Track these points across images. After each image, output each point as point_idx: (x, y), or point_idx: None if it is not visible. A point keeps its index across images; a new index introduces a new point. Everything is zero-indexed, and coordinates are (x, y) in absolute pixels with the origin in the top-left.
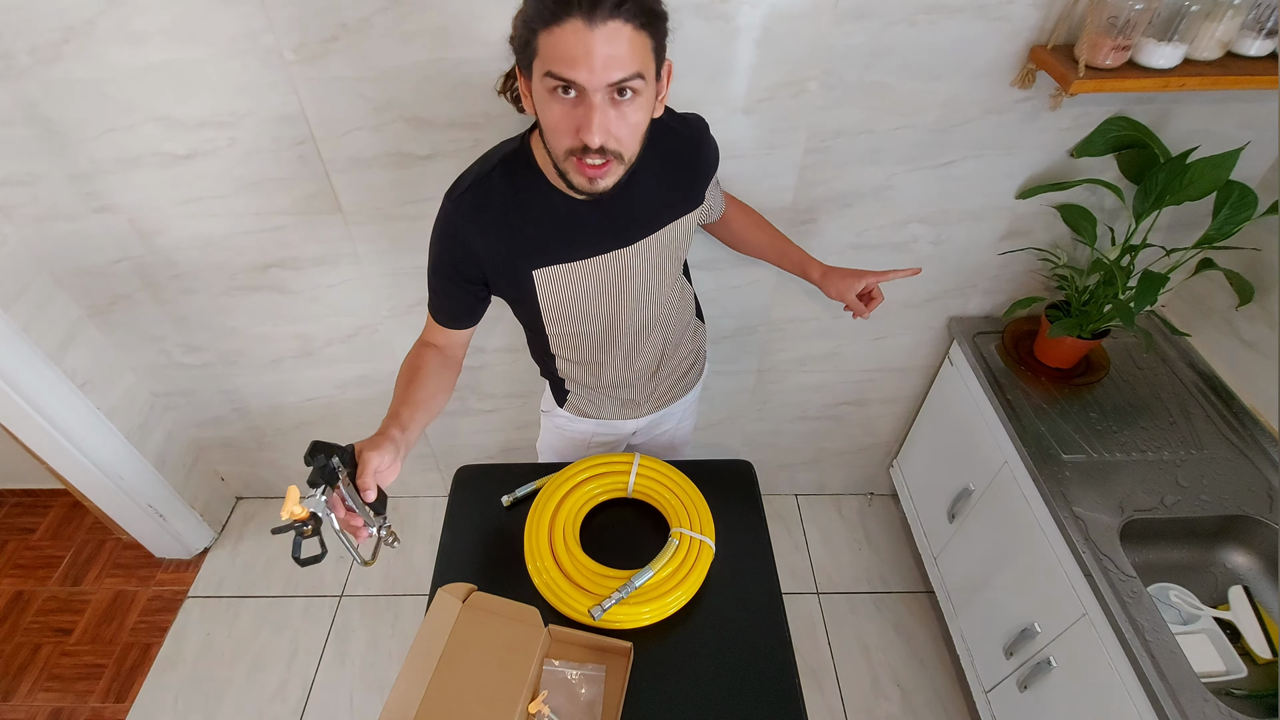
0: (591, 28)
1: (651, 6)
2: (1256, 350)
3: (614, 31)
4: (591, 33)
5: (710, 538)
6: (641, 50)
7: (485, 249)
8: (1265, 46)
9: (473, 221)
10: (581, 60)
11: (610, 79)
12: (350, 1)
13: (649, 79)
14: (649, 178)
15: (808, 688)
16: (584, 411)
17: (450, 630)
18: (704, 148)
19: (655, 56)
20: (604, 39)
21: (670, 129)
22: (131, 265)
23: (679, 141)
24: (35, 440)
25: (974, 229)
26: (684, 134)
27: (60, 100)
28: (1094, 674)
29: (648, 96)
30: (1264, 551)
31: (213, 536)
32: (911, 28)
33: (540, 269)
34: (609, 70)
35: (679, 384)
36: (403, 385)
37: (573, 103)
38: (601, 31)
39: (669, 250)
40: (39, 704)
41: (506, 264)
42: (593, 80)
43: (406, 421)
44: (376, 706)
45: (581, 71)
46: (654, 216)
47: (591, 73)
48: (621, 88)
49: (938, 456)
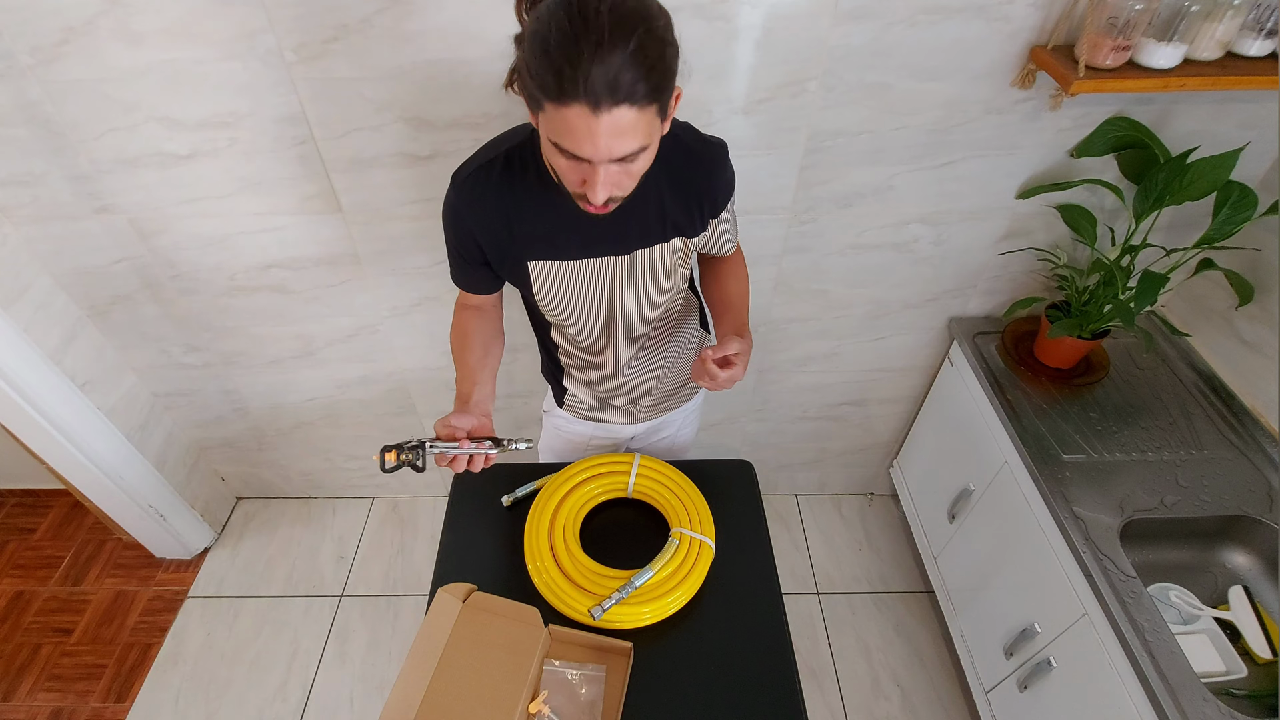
0: (596, 115)
1: (658, 82)
2: (1256, 350)
3: (619, 117)
4: (596, 119)
5: (710, 538)
6: (648, 122)
7: (483, 236)
8: (1265, 46)
9: (471, 209)
10: (586, 141)
11: (615, 155)
12: (350, 1)
13: (656, 135)
14: (654, 191)
15: (808, 688)
16: (581, 414)
17: (450, 630)
18: (717, 173)
19: (661, 111)
20: (609, 124)
21: (686, 147)
22: (131, 265)
23: (692, 162)
24: (36, 440)
25: (974, 229)
26: (700, 155)
27: (60, 100)
28: (1094, 674)
29: (654, 147)
30: (1264, 551)
31: (213, 536)
32: (911, 28)
33: (535, 261)
34: (614, 149)
35: (679, 393)
36: (457, 356)
37: (578, 163)
38: (606, 119)
39: (666, 266)
40: (39, 704)
41: (504, 251)
42: (598, 156)
43: (467, 392)
44: (376, 706)
45: (586, 149)
46: (652, 231)
47: (596, 151)
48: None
49: (938, 457)
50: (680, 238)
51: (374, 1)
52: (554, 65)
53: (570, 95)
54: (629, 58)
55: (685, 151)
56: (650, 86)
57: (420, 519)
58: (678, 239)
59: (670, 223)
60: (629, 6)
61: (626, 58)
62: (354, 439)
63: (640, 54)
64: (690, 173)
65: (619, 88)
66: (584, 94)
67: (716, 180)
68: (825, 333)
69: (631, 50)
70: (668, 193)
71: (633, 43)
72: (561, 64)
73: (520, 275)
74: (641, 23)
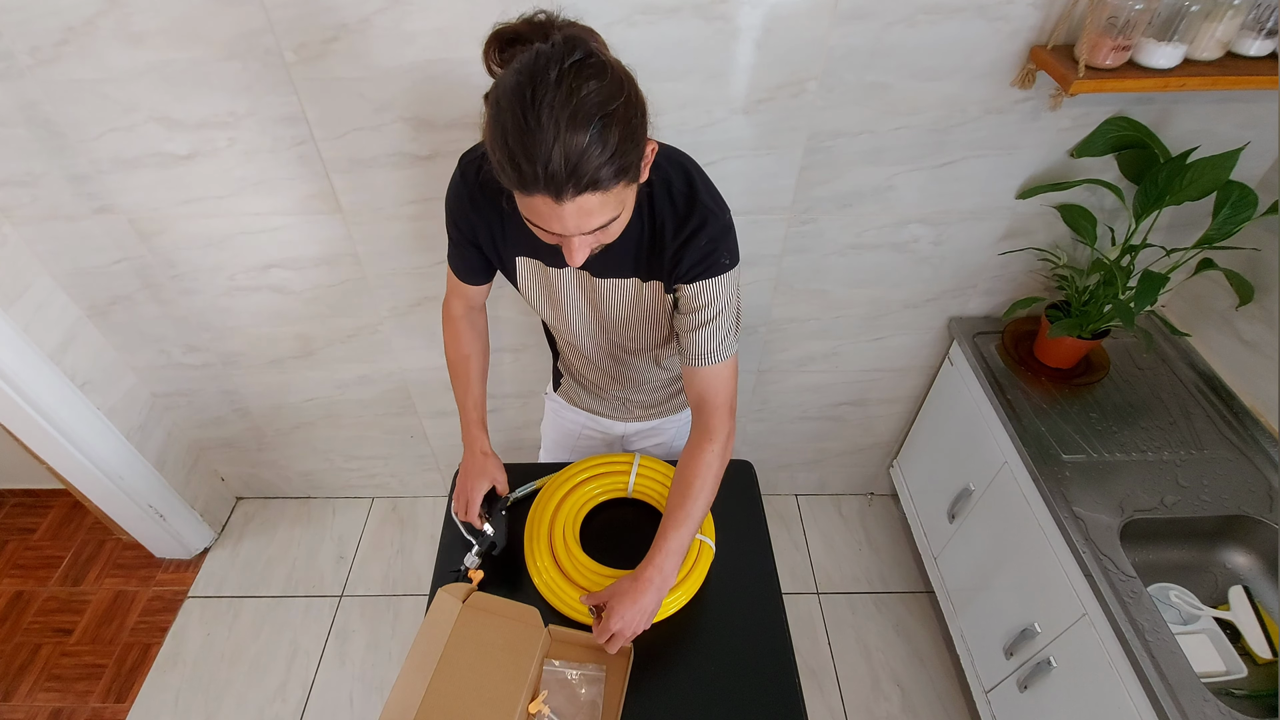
0: (560, 204)
1: (621, 164)
2: (1256, 350)
3: (584, 201)
4: (560, 207)
5: (710, 538)
6: (616, 196)
7: (479, 221)
8: (1265, 46)
9: (471, 189)
10: (554, 222)
11: (585, 230)
12: (350, 1)
13: (630, 199)
14: (635, 226)
15: (808, 688)
16: (574, 401)
17: (450, 630)
18: (697, 237)
19: (633, 179)
20: (574, 209)
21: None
22: (131, 265)
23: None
24: (35, 440)
25: (974, 229)
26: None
27: (60, 100)
28: (1094, 674)
29: (629, 208)
30: (1264, 551)
31: (213, 537)
32: (911, 28)
33: (522, 257)
34: (583, 226)
35: (670, 402)
36: (460, 385)
37: (550, 234)
38: (570, 206)
39: (634, 302)
40: (39, 704)
41: (495, 241)
42: (567, 233)
43: (478, 435)
44: (376, 706)
45: (555, 229)
46: (625, 265)
47: (565, 230)
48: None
49: (938, 456)
50: (654, 282)
51: (374, 1)
52: (512, 158)
53: (532, 188)
54: (588, 148)
55: (671, 203)
56: (614, 170)
57: (420, 519)
58: (650, 282)
59: (642, 264)
60: (585, 93)
61: (585, 148)
62: (354, 439)
63: (600, 142)
64: (672, 223)
65: (581, 178)
66: (545, 187)
67: (692, 243)
68: (825, 333)
69: (590, 140)
70: (646, 232)
71: (590, 133)
72: (519, 158)
73: (509, 268)
74: (599, 109)
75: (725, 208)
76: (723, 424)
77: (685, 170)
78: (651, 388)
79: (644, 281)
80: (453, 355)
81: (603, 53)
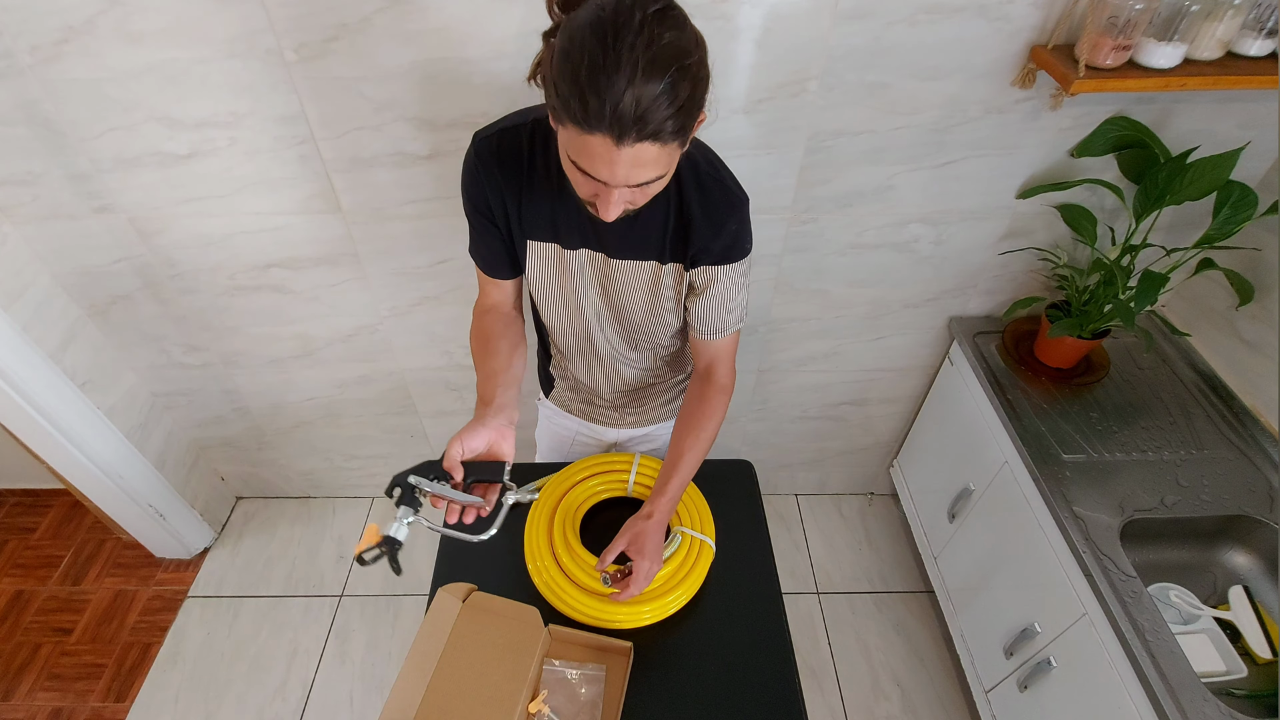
0: (619, 147)
1: (686, 120)
2: (1256, 350)
3: (642, 151)
4: (618, 150)
5: (710, 537)
6: (670, 154)
7: (495, 197)
8: (1265, 46)
9: (487, 168)
10: (605, 168)
11: (632, 182)
12: (350, 1)
13: (676, 161)
14: (662, 208)
15: (808, 688)
16: (566, 406)
17: (450, 630)
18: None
19: (685, 142)
20: (630, 156)
21: (703, 183)
22: (131, 265)
23: (707, 200)
24: (35, 440)
25: (974, 229)
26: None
27: (60, 100)
28: (1094, 674)
29: (671, 173)
30: (1264, 551)
31: (213, 536)
32: (911, 28)
33: (534, 241)
34: (632, 177)
35: (665, 409)
36: (478, 361)
37: (593, 181)
38: (629, 151)
39: (649, 285)
40: (39, 704)
41: (510, 221)
42: (615, 182)
43: (489, 395)
44: (376, 706)
45: (604, 174)
46: (647, 246)
47: (614, 178)
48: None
49: (938, 456)
50: (674, 264)
51: (374, 1)
52: (580, 92)
53: (595, 125)
54: (660, 96)
55: (701, 187)
56: (678, 125)
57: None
58: (670, 264)
59: (669, 246)
60: (665, 41)
61: (657, 96)
62: (354, 439)
63: (671, 93)
64: (703, 209)
65: (646, 125)
66: (609, 126)
67: (723, 227)
68: (825, 332)
69: (663, 89)
70: (675, 215)
71: (665, 81)
72: (588, 93)
73: (521, 250)
74: (676, 59)
75: (744, 191)
76: (731, 379)
77: (707, 154)
78: (651, 392)
79: (663, 264)
80: (474, 343)
81: (680, 6)
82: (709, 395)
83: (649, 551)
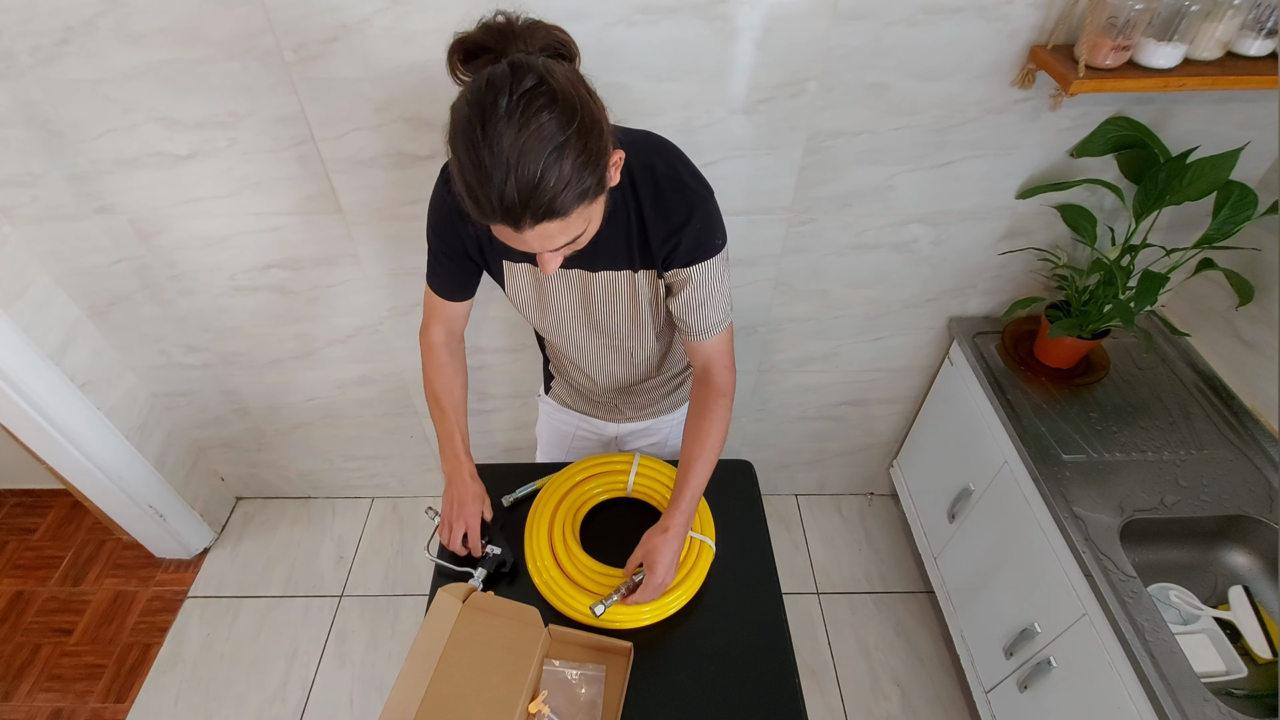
0: (520, 232)
1: (582, 188)
2: (1256, 350)
3: (544, 228)
4: (521, 235)
5: (710, 538)
6: (580, 216)
7: (463, 229)
8: (1265, 46)
9: (455, 203)
10: (519, 244)
11: (551, 249)
12: (350, 1)
13: (597, 211)
14: (623, 219)
15: (808, 688)
16: (565, 402)
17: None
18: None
19: (595, 195)
20: (535, 235)
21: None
22: (131, 265)
23: (661, 204)
24: (35, 440)
25: (974, 229)
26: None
27: (60, 100)
28: (1094, 674)
29: (597, 218)
30: (1264, 551)
31: (213, 537)
32: (911, 28)
33: (509, 262)
34: (548, 246)
35: (663, 401)
36: (442, 407)
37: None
38: (530, 233)
39: (628, 293)
40: (39, 704)
41: (483, 247)
42: (533, 250)
43: (462, 451)
44: (376, 706)
45: (520, 248)
46: (619, 256)
47: (531, 249)
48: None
49: (938, 456)
50: (646, 271)
51: (374, 1)
52: (469, 189)
53: (490, 219)
54: (540, 182)
55: (657, 191)
56: (571, 197)
57: (420, 519)
58: (643, 271)
59: (636, 253)
60: (535, 127)
61: (537, 183)
62: (354, 439)
63: (554, 174)
64: (659, 212)
65: (538, 209)
66: (503, 219)
67: (684, 227)
68: (825, 333)
69: (541, 175)
70: (635, 224)
71: (542, 165)
72: (476, 191)
73: (497, 274)
74: (549, 141)
75: (708, 187)
76: (730, 380)
77: (665, 154)
78: (644, 388)
79: (635, 272)
80: (437, 385)
81: (552, 76)
82: (709, 402)
83: (661, 568)
